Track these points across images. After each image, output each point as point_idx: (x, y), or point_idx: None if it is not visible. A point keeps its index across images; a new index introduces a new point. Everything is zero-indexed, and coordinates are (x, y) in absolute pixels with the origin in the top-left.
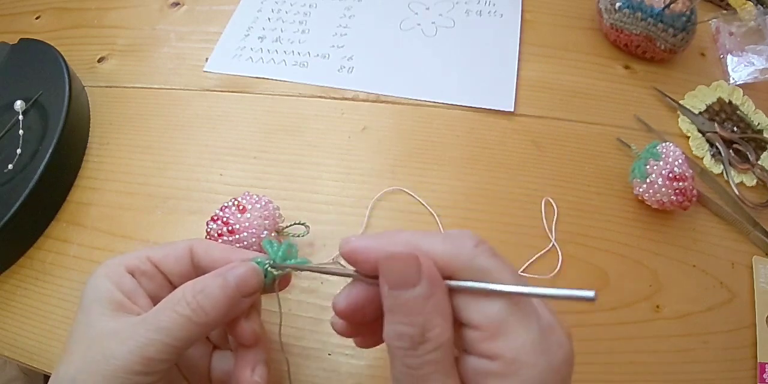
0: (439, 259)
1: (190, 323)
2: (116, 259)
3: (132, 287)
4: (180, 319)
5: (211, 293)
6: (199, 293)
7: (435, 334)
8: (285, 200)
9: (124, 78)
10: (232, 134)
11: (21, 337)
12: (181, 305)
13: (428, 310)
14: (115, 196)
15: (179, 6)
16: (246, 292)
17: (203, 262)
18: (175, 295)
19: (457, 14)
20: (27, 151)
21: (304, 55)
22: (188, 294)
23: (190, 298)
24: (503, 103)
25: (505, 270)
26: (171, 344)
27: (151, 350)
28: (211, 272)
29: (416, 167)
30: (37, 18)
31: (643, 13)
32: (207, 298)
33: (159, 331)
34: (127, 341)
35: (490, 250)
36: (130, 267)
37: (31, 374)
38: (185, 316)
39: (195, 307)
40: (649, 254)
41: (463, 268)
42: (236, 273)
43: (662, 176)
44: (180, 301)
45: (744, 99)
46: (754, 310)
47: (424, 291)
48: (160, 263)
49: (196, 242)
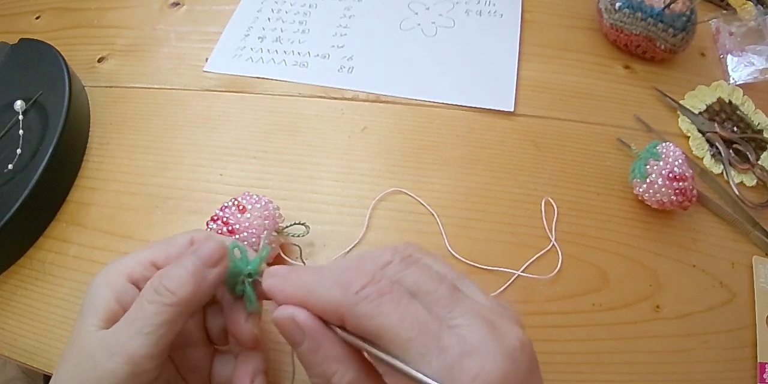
0: (327, 307)
1: (163, 307)
2: (118, 264)
3: (132, 298)
4: (150, 306)
5: (174, 273)
6: (164, 276)
7: (337, 378)
8: (285, 200)
9: (124, 78)
10: (232, 134)
11: (21, 337)
12: (149, 293)
13: (320, 361)
14: (115, 196)
15: (179, 6)
16: (208, 261)
17: None
18: (148, 285)
19: (457, 14)
20: (27, 151)
21: (304, 55)
22: (154, 280)
23: (156, 283)
24: (503, 103)
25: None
26: (151, 334)
27: (132, 346)
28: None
29: (416, 167)
30: (37, 18)
31: (643, 13)
32: (170, 278)
33: (134, 323)
34: (111, 345)
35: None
36: (133, 276)
37: (31, 374)
38: (155, 301)
39: (162, 290)
40: (649, 254)
41: (348, 314)
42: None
43: (662, 176)
44: (148, 289)
45: (744, 99)
46: (754, 310)
47: (309, 346)
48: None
49: (195, 235)
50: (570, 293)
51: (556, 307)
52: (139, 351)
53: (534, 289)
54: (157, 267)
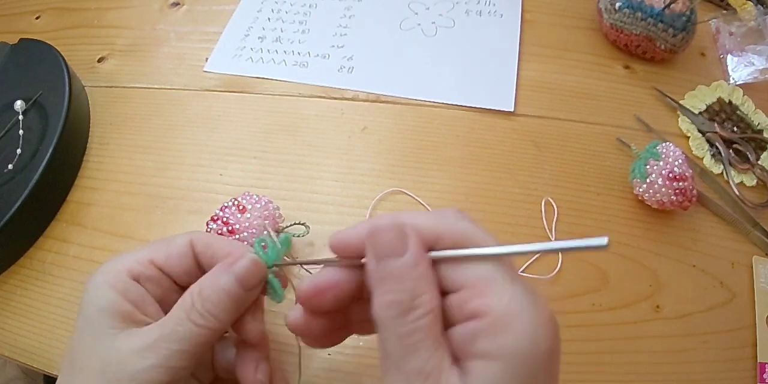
0: (423, 229)
1: (208, 330)
2: (116, 263)
3: (139, 295)
4: (196, 328)
5: (218, 300)
6: (206, 301)
7: (424, 300)
8: (285, 200)
9: (124, 78)
10: (232, 134)
11: (21, 337)
12: (194, 315)
13: (416, 277)
14: (115, 196)
15: (179, 6)
16: (250, 285)
17: (204, 258)
18: (186, 302)
19: (457, 14)
20: (27, 151)
21: (304, 55)
22: (197, 303)
23: (200, 306)
24: (503, 103)
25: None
26: (192, 351)
27: (174, 360)
28: (213, 270)
29: (416, 167)
30: (37, 18)
31: (643, 13)
32: (215, 305)
33: (179, 341)
34: (149, 356)
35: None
36: (134, 273)
37: (31, 374)
38: (202, 325)
39: (207, 316)
40: (649, 254)
41: (447, 231)
42: (237, 270)
43: (662, 176)
44: (191, 310)
45: (744, 99)
46: (754, 310)
47: (412, 258)
48: (165, 266)
49: (195, 237)
50: (570, 293)
51: (556, 307)
52: (180, 363)
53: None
54: (156, 266)
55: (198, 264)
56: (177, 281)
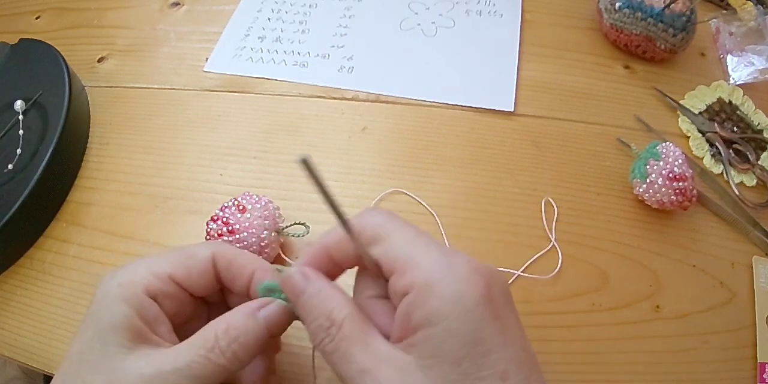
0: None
1: (224, 370)
2: (133, 275)
3: (154, 314)
4: (214, 367)
5: (245, 342)
6: (234, 342)
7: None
8: (285, 200)
9: (124, 78)
10: (232, 134)
11: (21, 337)
12: (215, 354)
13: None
14: (115, 196)
15: (179, 6)
16: (276, 332)
17: (226, 274)
18: (207, 339)
19: (457, 14)
20: (27, 151)
21: (304, 55)
22: (222, 342)
23: (225, 346)
24: (503, 103)
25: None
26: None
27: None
28: (242, 310)
29: (416, 167)
30: (37, 18)
31: (643, 13)
32: (242, 347)
33: (192, 378)
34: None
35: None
36: (152, 291)
37: (31, 374)
38: (220, 365)
39: (230, 356)
40: (649, 254)
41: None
42: (268, 315)
43: (662, 176)
44: (214, 348)
45: (744, 99)
46: (754, 310)
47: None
48: (184, 282)
49: (217, 251)
50: (570, 293)
51: (556, 307)
52: None
53: (534, 289)
54: (176, 282)
55: (218, 278)
56: (193, 293)
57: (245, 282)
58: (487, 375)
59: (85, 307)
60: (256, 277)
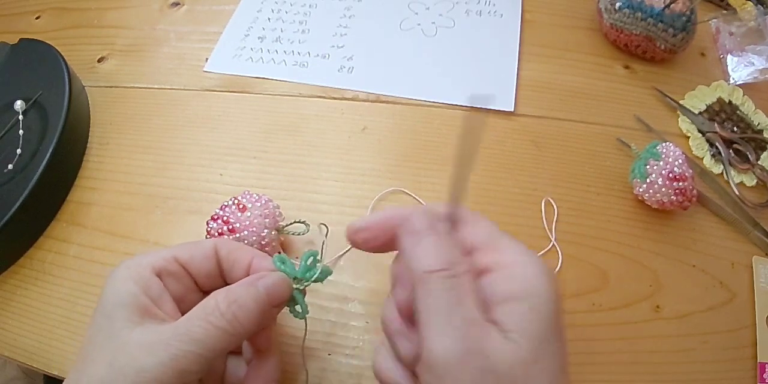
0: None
1: (225, 334)
2: (140, 259)
3: (159, 291)
4: (214, 330)
5: (245, 304)
6: (233, 303)
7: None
8: (285, 200)
9: (124, 78)
10: (232, 134)
11: (21, 337)
12: (215, 316)
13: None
14: (115, 196)
15: (179, 6)
16: (276, 302)
17: (226, 263)
18: (208, 304)
19: (457, 14)
20: (27, 151)
21: (304, 55)
22: (222, 304)
23: (224, 308)
24: (503, 103)
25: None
26: (204, 355)
27: (183, 362)
28: (241, 281)
29: (416, 167)
30: (37, 18)
31: (643, 13)
32: (241, 308)
33: (193, 342)
34: (159, 353)
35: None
36: (157, 268)
37: (31, 374)
38: (220, 327)
39: (230, 318)
40: (649, 254)
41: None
42: (267, 283)
43: (662, 176)
44: (214, 311)
45: (744, 99)
46: (754, 310)
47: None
48: (188, 264)
49: (219, 242)
50: (570, 293)
51: None
52: (190, 367)
53: None
54: (179, 263)
55: (220, 269)
56: (197, 281)
57: (244, 267)
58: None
59: (85, 307)
60: (254, 263)
